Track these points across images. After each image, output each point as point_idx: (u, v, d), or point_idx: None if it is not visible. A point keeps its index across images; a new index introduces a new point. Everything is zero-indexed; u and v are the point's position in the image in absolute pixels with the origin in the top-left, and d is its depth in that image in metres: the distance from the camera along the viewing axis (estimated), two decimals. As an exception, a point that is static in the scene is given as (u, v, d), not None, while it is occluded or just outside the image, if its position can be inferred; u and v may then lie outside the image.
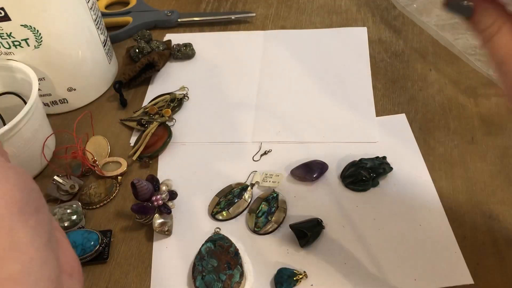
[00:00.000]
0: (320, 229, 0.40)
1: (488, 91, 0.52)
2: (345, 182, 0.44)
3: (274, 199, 0.43)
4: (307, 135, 0.49)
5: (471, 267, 0.37)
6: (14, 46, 0.47)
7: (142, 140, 0.49)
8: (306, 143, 0.48)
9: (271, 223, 0.42)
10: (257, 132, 0.50)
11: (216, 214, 0.43)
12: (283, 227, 0.42)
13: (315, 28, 0.63)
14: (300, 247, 0.40)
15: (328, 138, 0.49)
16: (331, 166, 0.46)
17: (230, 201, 0.44)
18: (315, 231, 0.40)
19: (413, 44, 0.59)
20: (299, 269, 0.38)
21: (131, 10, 0.69)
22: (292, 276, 0.37)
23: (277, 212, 0.42)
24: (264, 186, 0.45)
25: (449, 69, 0.55)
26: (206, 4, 0.70)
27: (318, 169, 0.45)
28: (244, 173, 0.46)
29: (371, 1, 0.67)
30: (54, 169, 0.48)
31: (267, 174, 0.46)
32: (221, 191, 0.45)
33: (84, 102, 0.56)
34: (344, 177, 0.45)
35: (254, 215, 0.42)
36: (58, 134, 0.52)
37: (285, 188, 0.45)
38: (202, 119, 0.53)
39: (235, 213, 0.43)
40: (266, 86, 0.56)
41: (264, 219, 0.42)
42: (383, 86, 0.54)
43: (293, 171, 0.45)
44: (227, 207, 0.43)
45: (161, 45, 0.60)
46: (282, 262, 0.39)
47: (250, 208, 0.43)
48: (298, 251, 0.40)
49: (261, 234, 0.41)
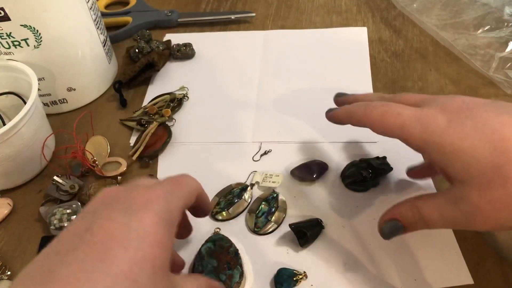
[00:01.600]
0: (320, 229, 0.40)
1: (488, 91, 0.52)
2: (345, 182, 0.44)
3: (274, 199, 0.43)
4: (307, 135, 0.49)
5: (471, 267, 0.37)
6: (14, 46, 0.47)
7: (142, 140, 0.49)
8: (306, 143, 0.48)
9: (271, 223, 0.42)
10: (257, 132, 0.50)
11: (216, 214, 0.43)
12: (283, 227, 0.42)
13: (315, 28, 0.63)
14: (300, 246, 0.40)
15: (329, 138, 0.48)
16: (331, 166, 0.46)
17: (230, 201, 0.44)
18: (314, 231, 0.40)
19: (413, 44, 0.59)
20: (299, 269, 0.38)
21: (131, 10, 0.69)
22: (292, 276, 0.37)
23: (277, 212, 0.42)
24: (264, 186, 0.45)
25: (449, 69, 0.55)
26: (206, 4, 0.70)
27: (318, 169, 0.45)
28: (244, 173, 0.46)
29: (371, 1, 0.67)
30: (54, 169, 0.48)
31: (267, 174, 0.45)
32: (221, 191, 0.45)
33: (84, 102, 0.56)
34: (344, 177, 0.45)
35: (254, 215, 0.42)
36: (58, 134, 0.52)
37: (285, 188, 0.45)
38: (202, 119, 0.53)
39: (235, 213, 0.43)
40: (266, 86, 0.56)
41: (264, 219, 0.42)
42: (383, 86, 0.54)
43: (293, 171, 0.45)
44: (227, 207, 0.43)
45: (161, 45, 0.60)
46: (282, 262, 0.39)
47: (250, 208, 0.43)
48: (298, 251, 0.40)
49: (261, 234, 0.41)
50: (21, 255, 0.42)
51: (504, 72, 0.52)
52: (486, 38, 0.56)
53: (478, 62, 0.54)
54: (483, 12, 0.58)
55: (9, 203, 0.45)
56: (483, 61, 0.54)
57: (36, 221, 0.44)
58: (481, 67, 0.53)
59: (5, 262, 0.41)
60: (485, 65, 0.53)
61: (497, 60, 0.53)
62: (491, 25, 0.56)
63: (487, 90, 0.52)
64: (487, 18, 0.57)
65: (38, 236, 0.43)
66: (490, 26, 0.56)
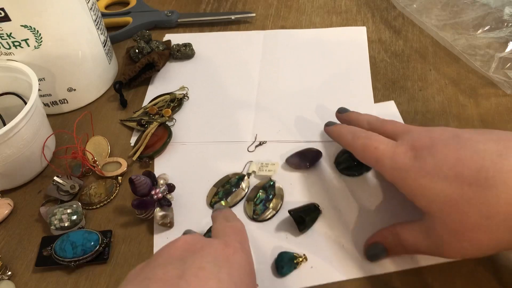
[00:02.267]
0: (317, 213, 0.41)
1: (488, 91, 0.52)
2: (339, 168, 0.45)
3: (271, 187, 0.44)
4: (307, 135, 0.49)
5: (468, 271, 0.37)
6: (14, 46, 0.47)
7: (142, 140, 0.49)
8: (306, 142, 0.49)
9: (269, 210, 0.42)
10: (257, 131, 0.50)
11: (215, 204, 0.44)
12: (281, 214, 0.42)
13: (315, 28, 0.63)
14: (299, 231, 0.41)
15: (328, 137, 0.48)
16: (325, 153, 0.47)
17: (228, 191, 0.44)
18: (312, 216, 0.41)
19: (413, 44, 0.59)
20: (298, 253, 0.39)
21: (131, 10, 0.69)
22: (293, 259, 0.38)
23: (275, 199, 0.43)
24: (260, 175, 0.46)
25: (449, 69, 0.55)
26: (206, 4, 0.70)
27: (313, 156, 0.46)
28: (240, 164, 0.47)
29: (371, 2, 0.67)
30: (54, 169, 0.48)
31: (263, 164, 0.46)
32: (218, 181, 0.45)
33: (84, 103, 0.56)
34: (338, 163, 0.46)
35: (252, 203, 0.43)
36: (58, 135, 0.52)
37: (281, 176, 0.45)
38: (202, 119, 0.53)
39: (233, 202, 0.44)
40: (266, 86, 0.56)
41: (262, 207, 0.43)
42: (383, 86, 0.54)
43: (288, 159, 0.46)
44: (225, 197, 0.44)
45: (161, 45, 0.60)
46: (282, 246, 0.40)
47: (248, 197, 0.44)
48: (296, 235, 0.41)
49: (260, 221, 0.42)
50: (22, 255, 0.42)
51: (504, 72, 0.52)
52: (485, 38, 0.56)
53: (478, 62, 0.54)
54: (483, 12, 0.58)
55: (9, 203, 0.45)
56: (483, 61, 0.54)
57: (37, 222, 0.44)
58: (481, 67, 0.54)
59: (6, 262, 0.41)
60: (485, 65, 0.53)
61: (496, 60, 0.53)
62: (491, 25, 0.56)
63: (487, 90, 0.52)
64: (487, 19, 0.57)
65: (38, 236, 0.43)
66: (490, 26, 0.56)
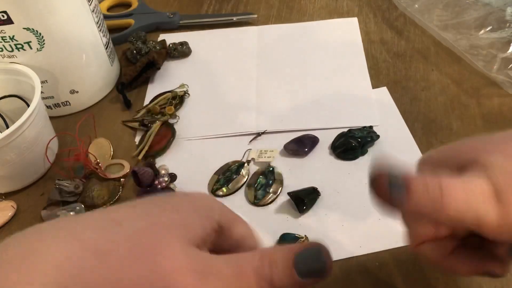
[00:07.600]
0: (316, 196, 0.43)
1: (491, 92, 0.52)
2: (336, 152, 0.47)
3: (271, 173, 0.45)
4: (309, 123, 0.50)
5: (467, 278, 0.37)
6: (16, 49, 0.47)
7: (146, 140, 0.49)
8: (309, 131, 0.49)
9: (269, 194, 0.44)
10: (259, 123, 0.51)
11: (216, 190, 0.45)
12: (281, 198, 0.44)
13: (316, 29, 0.63)
14: (299, 213, 0.42)
15: (330, 125, 0.50)
16: (321, 139, 0.48)
17: (229, 178, 0.46)
18: (311, 198, 0.42)
19: (415, 44, 0.59)
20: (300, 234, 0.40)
21: (133, 12, 0.69)
22: (294, 239, 0.39)
23: (275, 184, 0.44)
24: (260, 162, 0.47)
25: (451, 69, 0.55)
26: (207, 6, 0.70)
27: (310, 142, 0.48)
28: (239, 152, 0.48)
29: (373, 2, 0.67)
30: (57, 171, 0.48)
31: (262, 151, 0.48)
32: (219, 169, 0.47)
33: (86, 105, 0.56)
34: (334, 147, 0.47)
35: (253, 188, 0.44)
36: (61, 137, 0.52)
37: (279, 162, 0.47)
38: (204, 114, 0.53)
39: (234, 189, 0.45)
40: (264, 78, 0.57)
41: (262, 192, 0.44)
42: (386, 86, 0.54)
43: (286, 145, 0.48)
44: (226, 184, 0.45)
45: (157, 44, 0.61)
46: (283, 229, 0.41)
47: (248, 183, 0.45)
48: (297, 218, 0.42)
49: (261, 205, 0.43)
50: (25, 257, 0.42)
51: (506, 73, 0.52)
52: (488, 38, 0.56)
53: (480, 63, 0.54)
54: (485, 12, 0.58)
55: (12, 206, 0.46)
56: (485, 61, 0.54)
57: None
58: (483, 67, 0.53)
59: (9, 264, 0.41)
60: (487, 65, 0.53)
61: (499, 61, 0.53)
62: (493, 25, 0.56)
63: (489, 90, 0.52)
64: (489, 19, 0.57)
65: (41, 238, 0.43)
66: (492, 27, 0.56)
